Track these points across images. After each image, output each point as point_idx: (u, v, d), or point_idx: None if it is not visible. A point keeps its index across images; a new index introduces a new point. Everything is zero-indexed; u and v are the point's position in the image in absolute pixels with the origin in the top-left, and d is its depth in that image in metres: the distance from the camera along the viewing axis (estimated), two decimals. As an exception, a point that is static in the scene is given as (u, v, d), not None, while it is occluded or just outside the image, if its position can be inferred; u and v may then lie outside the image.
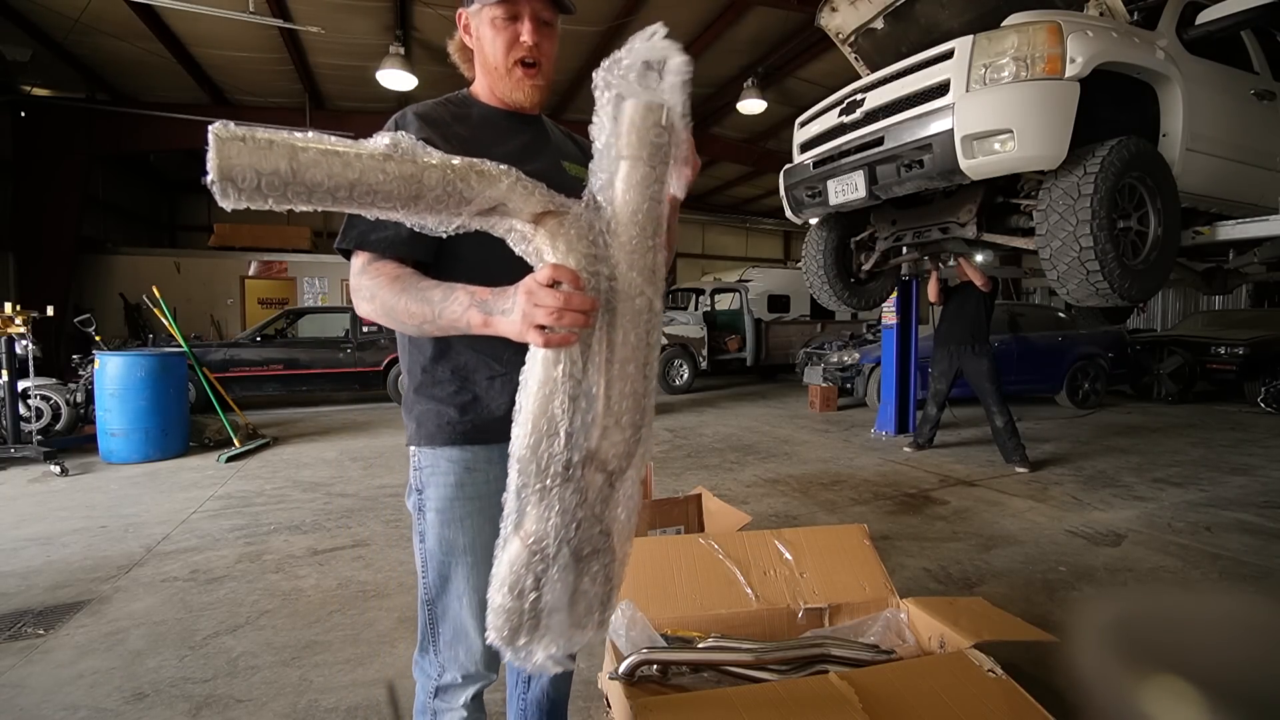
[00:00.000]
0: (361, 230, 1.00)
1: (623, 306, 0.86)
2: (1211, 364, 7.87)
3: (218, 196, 0.70)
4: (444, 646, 1.12)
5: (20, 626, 2.39)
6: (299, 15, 6.92)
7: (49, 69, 8.05)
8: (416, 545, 1.14)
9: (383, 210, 0.79)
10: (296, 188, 0.73)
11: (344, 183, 0.75)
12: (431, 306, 0.91)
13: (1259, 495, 4.01)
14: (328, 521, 3.62)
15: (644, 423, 0.91)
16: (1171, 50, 3.23)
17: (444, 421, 1.10)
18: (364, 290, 1.00)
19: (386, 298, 0.96)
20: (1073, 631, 0.39)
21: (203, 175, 0.70)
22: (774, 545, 1.97)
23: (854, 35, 4.32)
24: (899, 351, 6.32)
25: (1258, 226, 3.33)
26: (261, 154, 0.70)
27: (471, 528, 1.10)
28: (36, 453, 4.97)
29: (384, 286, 0.97)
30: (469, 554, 1.10)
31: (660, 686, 1.53)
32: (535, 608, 0.87)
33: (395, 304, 0.95)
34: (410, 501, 1.15)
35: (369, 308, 1.00)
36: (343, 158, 0.75)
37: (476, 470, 1.10)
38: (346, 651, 2.20)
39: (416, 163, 0.78)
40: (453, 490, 1.10)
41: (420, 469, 1.12)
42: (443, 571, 1.11)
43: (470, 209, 0.82)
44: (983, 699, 1.27)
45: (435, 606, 1.12)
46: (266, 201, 0.72)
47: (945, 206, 3.74)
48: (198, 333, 10.17)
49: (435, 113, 1.10)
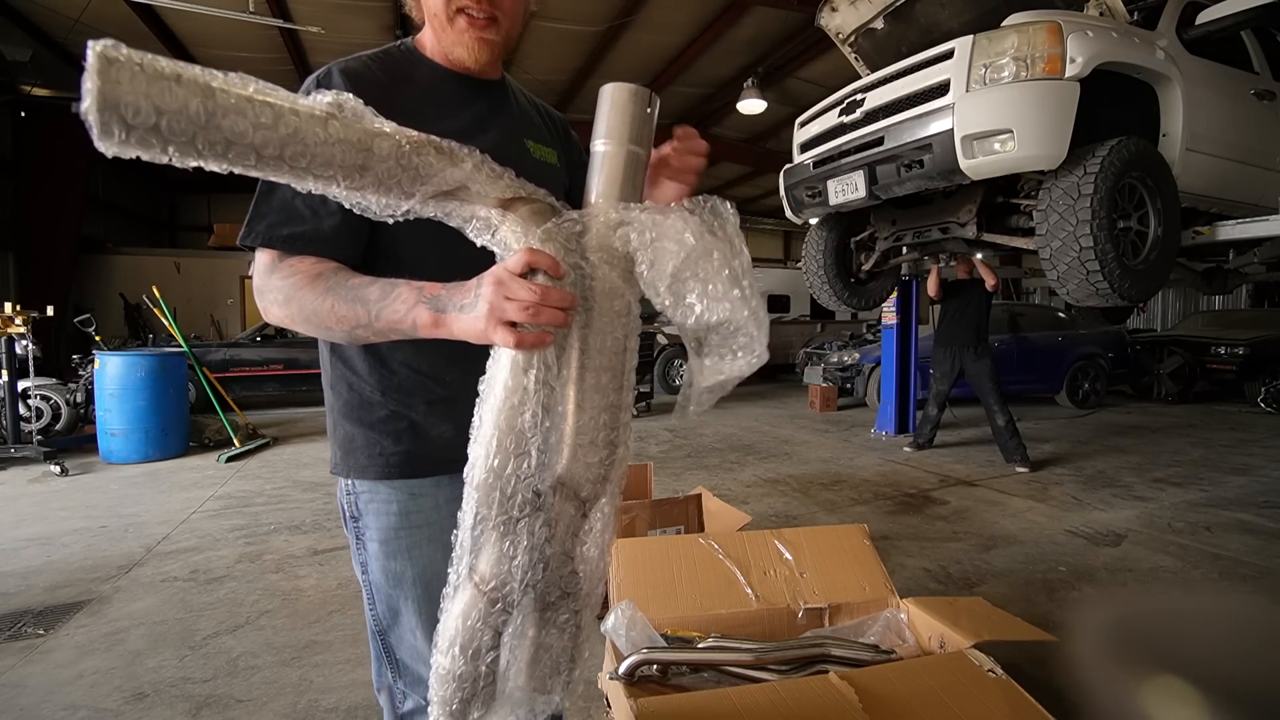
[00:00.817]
0: (271, 224, 0.82)
1: (600, 307, 0.73)
2: (1211, 364, 7.87)
3: (95, 133, 0.53)
4: (404, 672, 0.99)
5: (20, 626, 2.39)
6: (299, 15, 6.92)
7: (49, 69, 8.05)
8: (359, 575, 0.98)
9: (318, 180, 0.64)
10: (211, 136, 0.57)
11: (273, 139, 0.60)
12: (366, 307, 0.75)
13: (1259, 495, 4.01)
14: (328, 521, 3.62)
15: (619, 441, 0.77)
16: (1171, 50, 3.23)
17: (375, 453, 0.93)
18: (274, 292, 0.81)
19: (307, 300, 0.78)
20: (1073, 631, 0.39)
21: (76, 105, 0.55)
22: (774, 545, 1.97)
23: (854, 35, 4.32)
24: (899, 351, 6.32)
25: (1258, 226, 3.33)
26: (164, 87, 0.54)
27: (421, 557, 0.94)
28: (36, 453, 4.97)
29: (302, 287, 0.79)
30: (418, 585, 0.94)
31: (660, 686, 1.53)
32: (492, 670, 0.73)
33: (318, 306, 0.77)
34: (347, 528, 0.99)
35: (281, 313, 0.81)
36: (274, 109, 0.60)
37: (422, 495, 0.94)
38: (346, 651, 2.20)
39: (366, 128, 0.65)
40: (396, 519, 0.94)
41: (355, 493, 0.95)
42: (392, 605, 0.96)
43: (425, 190, 0.69)
44: (983, 699, 1.27)
45: (388, 637, 0.98)
46: (166, 151, 0.56)
47: (945, 206, 3.74)
48: (198, 333, 10.17)
49: (367, 72, 0.89)
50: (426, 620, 0.93)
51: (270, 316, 0.83)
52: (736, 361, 0.73)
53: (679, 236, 0.70)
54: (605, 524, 0.79)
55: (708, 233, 0.71)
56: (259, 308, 0.85)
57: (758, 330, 0.72)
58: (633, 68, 8.51)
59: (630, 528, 2.50)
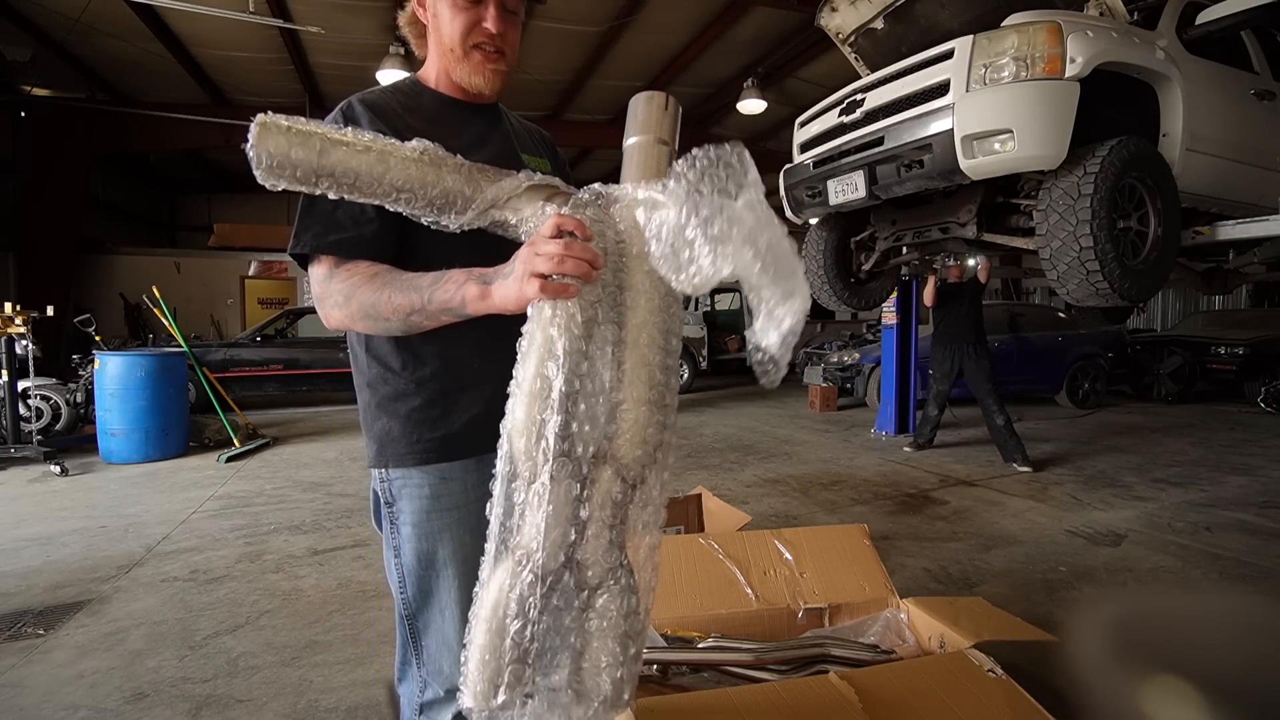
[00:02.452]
0: (317, 233, 0.92)
1: (634, 273, 0.80)
2: (1211, 364, 7.87)
3: (257, 173, 0.76)
4: (427, 660, 1.05)
5: (20, 626, 2.39)
6: (299, 15, 6.92)
7: (49, 69, 8.04)
8: (391, 561, 1.05)
9: (404, 204, 0.82)
10: (327, 178, 0.78)
11: (373, 178, 0.79)
12: (420, 292, 0.86)
13: (1259, 495, 4.01)
14: (328, 521, 3.62)
15: (667, 423, 0.81)
16: (1171, 50, 3.23)
17: (413, 440, 1.01)
18: (335, 295, 0.91)
19: (365, 296, 0.89)
20: (1073, 631, 0.39)
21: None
22: (774, 545, 1.97)
23: (854, 35, 4.32)
24: (899, 351, 6.32)
25: (1258, 226, 3.32)
26: (300, 141, 0.76)
27: (451, 540, 1.02)
28: (36, 453, 4.97)
29: (360, 285, 0.90)
30: (450, 565, 1.02)
31: (660, 686, 1.53)
32: (527, 650, 0.73)
33: (377, 300, 0.88)
34: (379, 517, 1.08)
35: (341, 314, 0.92)
36: (380, 154, 0.79)
37: (452, 480, 1.02)
38: (346, 651, 2.20)
39: (442, 165, 0.82)
40: (428, 503, 1.02)
41: (389, 481, 1.04)
42: (423, 586, 1.03)
43: (483, 203, 0.83)
44: (983, 699, 1.27)
45: (416, 621, 1.05)
46: (308, 185, 0.78)
47: (945, 206, 3.74)
48: (198, 333, 10.16)
49: (385, 102, 1.02)
50: (455, 601, 1.01)
51: (331, 320, 0.94)
52: (781, 313, 0.76)
53: (676, 205, 0.76)
54: (654, 511, 0.82)
55: (697, 192, 0.75)
56: (320, 315, 0.96)
57: (778, 278, 0.74)
58: (633, 68, 8.51)
59: (630, 528, 2.49)
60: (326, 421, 7.22)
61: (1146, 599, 0.43)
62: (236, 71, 8.62)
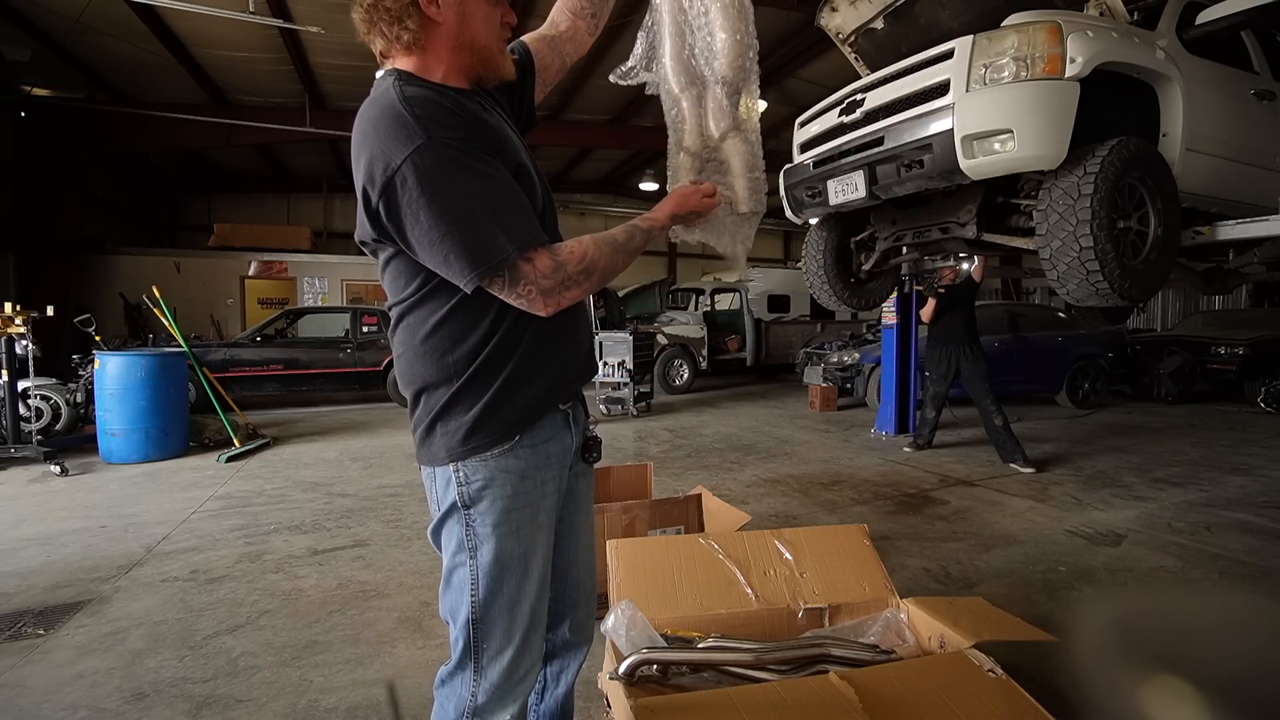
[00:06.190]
0: (513, 233, 0.97)
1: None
2: (1211, 364, 7.86)
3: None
4: (486, 665, 1.08)
5: (20, 626, 2.39)
6: (299, 15, 6.93)
7: (49, 69, 8.05)
8: (465, 561, 1.07)
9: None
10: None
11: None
12: (630, 236, 1.10)
13: (1259, 495, 4.02)
14: (328, 521, 3.62)
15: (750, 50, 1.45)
16: (1171, 50, 3.23)
17: (498, 419, 1.06)
18: (575, 275, 1.02)
19: (600, 259, 1.04)
20: (1073, 631, 0.39)
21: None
22: (774, 545, 1.97)
23: (854, 35, 4.32)
24: (899, 351, 6.32)
25: (1258, 226, 3.32)
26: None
27: (525, 539, 1.08)
28: (36, 453, 4.96)
29: (590, 253, 1.04)
30: (521, 564, 1.08)
31: (660, 686, 1.53)
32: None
33: (614, 256, 1.07)
34: (451, 523, 1.08)
35: (580, 289, 1.03)
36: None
37: (528, 477, 1.08)
38: (346, 651, 2.20)
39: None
40: (509, 501, 1.07)
41: (468, 484, 1.06)
42: (494, 586, 1.07)
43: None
44: (983, 699, 1.27)
45: (480, 627, 1.07)
46: None
47: (945, 206, 3.74)
48: (198, 333, 10.16)
49: (454, 110, 0.99)
50: (520, 602, 1.08)
51: (566, 299, 1.03)
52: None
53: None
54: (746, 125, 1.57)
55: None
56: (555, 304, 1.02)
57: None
58: (633, 68, 8.50)
59: (630, 528, 2.50)
60: (326, 421, 7.23)
61: (1146, 599, 0.43)
62: (236, 71, 8.63)
